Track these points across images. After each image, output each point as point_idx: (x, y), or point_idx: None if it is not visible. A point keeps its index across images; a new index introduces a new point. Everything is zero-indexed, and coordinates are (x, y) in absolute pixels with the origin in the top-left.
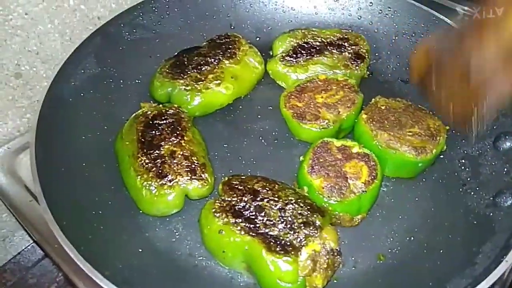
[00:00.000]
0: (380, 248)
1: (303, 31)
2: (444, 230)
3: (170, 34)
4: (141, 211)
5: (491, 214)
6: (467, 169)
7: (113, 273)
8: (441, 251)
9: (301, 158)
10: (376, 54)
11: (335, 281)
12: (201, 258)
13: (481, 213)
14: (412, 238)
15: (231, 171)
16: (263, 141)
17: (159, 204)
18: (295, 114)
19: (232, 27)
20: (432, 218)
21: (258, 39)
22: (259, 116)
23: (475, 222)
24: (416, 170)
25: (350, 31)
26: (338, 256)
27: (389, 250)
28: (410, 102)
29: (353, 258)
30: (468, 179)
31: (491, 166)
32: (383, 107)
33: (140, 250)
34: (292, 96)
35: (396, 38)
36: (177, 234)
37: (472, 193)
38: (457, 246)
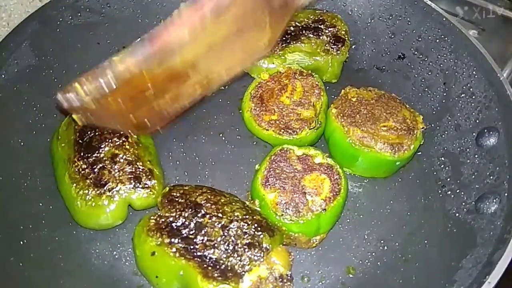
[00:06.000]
0: (349, 260)
1: None
2: (420, 238)
3: (120, 17)
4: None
5: (473, 222)
6: (446, 168)
7: None
8: (417, 264)
9: (257, 166)
10: (351, 39)
11: None
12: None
13: (461, 220)
14: (385, 247)
15: (186, 173)
16: (223, 138)
17: (97, 217)
18: (278, 132)
19: None
20: (408, 224)
21: None
22: (221, 112)
23: (454, 231)
24: (392, 169)
25: (324, 11)
26: (289, 283)
27: (360, 262)
28: (383, 91)
29: (319, 272)
30: (448, 179)
31: (473, 165)
32: (354, 99)
33: (76, 269)
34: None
35: (372, 21)
36: (120, 249)
37: (453, 196)
38: (434, 259)
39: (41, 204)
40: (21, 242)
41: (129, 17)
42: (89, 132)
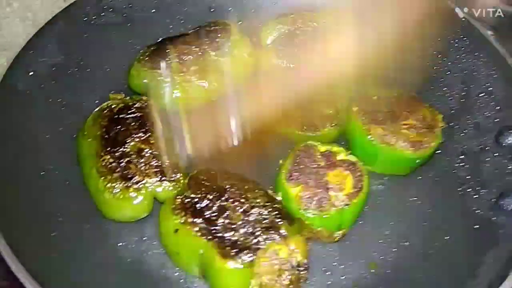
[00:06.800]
0: (371, 256)
1: (292, 16)
2: (441, 235)
3: (142, 18)
4: (105, 217)
5: (494, 218)
6: (466, 166)
7: None
8: (439, 259)
9: (281, 161)
10: None
11: None
12: (174, 270)
13: (483, 217)
14: (406, 243)
15: None
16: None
17: (124, 209)
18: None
19: (211, 10)
20: (429, 221)
21: (240, 23)
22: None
23: (476, 227)
24: (412, 166)
25: None
26: (305, 271)
27: (382, 258)
28: (402, 90)
29: (341, 267)
30: (468, 177)
31: (493, 164)
32: (374, 97)
33: (103, 262)
34: None
35: None
36: (146, 241)
37: (473, 193)
38: (456, 255)
39: (69, 198)
40: (52, 235)
41: (151, 18)
42: (114, 128)
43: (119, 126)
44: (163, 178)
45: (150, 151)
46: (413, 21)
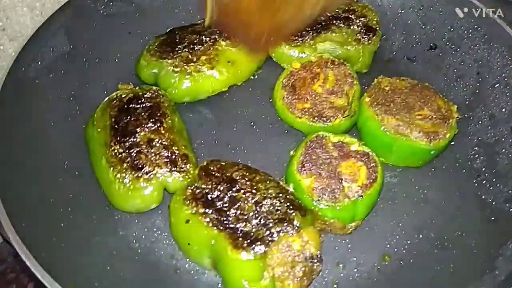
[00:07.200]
0: (385, 247)
1: None
2: (456, 227)
3: (151, 8)
4: (115, 208)
5: (511, 210)
6: (481, 157)
7: (80, 283)
8: (454, 251)
9: (292, 152)
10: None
11: (334, 285)
12: (184, 261)
13: (499, 209)
14: (420, 235)
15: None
16: (255, 127)
17: (134, 199)
18: (312, 119)
19: None
20: (443, 213)
21: None
22: (252, 101)
23: (492, 219)
24: (426, 158)
25: (355, 1)
26: (318, 263)
27: (395, 250)
28: (416, 81)
29: (354, 259)
30: (483, 169)
31: (509, 155)
32: (387, 88)
33: (114, 252)
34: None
35: (402, 11)
36: (157, 233)
37: (488, 185)
38: (472, 247)
39: (78, 189)
40: (61, 224)
41: (159, 8)
42: (124, 118)
43: (129, 116)
44: (173, 169)
45: (161, 141)
46: None
